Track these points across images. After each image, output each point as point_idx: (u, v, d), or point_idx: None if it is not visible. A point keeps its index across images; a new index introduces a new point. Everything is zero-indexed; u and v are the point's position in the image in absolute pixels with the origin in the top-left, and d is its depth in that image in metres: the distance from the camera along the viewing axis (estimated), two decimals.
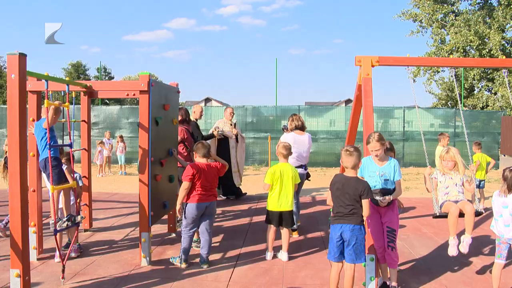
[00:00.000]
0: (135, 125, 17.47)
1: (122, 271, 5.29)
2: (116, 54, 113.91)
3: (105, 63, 65.60)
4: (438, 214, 4.93)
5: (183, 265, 5.43)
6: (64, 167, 5.60)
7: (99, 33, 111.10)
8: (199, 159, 5.58)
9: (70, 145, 5.16)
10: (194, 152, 5.69)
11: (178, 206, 5.47)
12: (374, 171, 4.65)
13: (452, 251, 4.76)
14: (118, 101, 43.79)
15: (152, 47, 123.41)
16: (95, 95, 6.40)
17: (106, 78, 52.96)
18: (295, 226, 6.87)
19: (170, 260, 5.57)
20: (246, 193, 10.40)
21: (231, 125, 9.73)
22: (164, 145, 6.31)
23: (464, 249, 4.75)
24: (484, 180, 9.42)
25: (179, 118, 7.27)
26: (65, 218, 5.16)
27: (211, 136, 9.32)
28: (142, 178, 5.61)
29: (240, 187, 10.18)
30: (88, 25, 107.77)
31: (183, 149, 7.30)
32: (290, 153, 5.96)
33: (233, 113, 9.92)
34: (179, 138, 7.05)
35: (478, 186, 9.29)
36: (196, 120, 9.10)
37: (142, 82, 5.51)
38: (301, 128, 7.17)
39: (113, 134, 17.97)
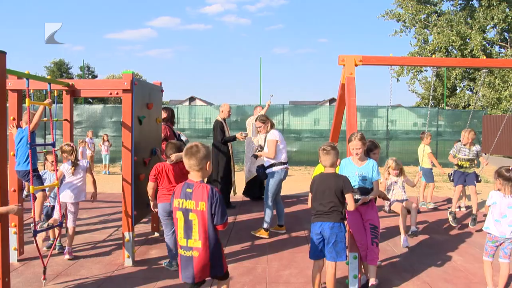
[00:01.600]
0: (119, 124, 17.35)
1: (105, 272, 5.25)
2: (99, 52, 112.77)
3: (88, 62, 64.79)
4: (388, 211, 6.55)
5: (173, 269, 5.35)
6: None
7: (82, 31, 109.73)
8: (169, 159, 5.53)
9: (53, 144, 5.10)
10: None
11: (151, 204, 5.52)
12: (353, 171, 4.71)
13: (403, 244, 6.11)
14: (102, 100, 43.39)
15: (136, 45, 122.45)
16: (78, 94, 6.34)
17: (90, 76, 52.51)
18: (282, 222, 7.13)
19: (164, 265, 5.48)
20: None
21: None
22: (148, 144, 6.28)
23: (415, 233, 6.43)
24: None
25: (164, 117, 7.23)
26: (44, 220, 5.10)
27: (233, 138, 8.68)
28: (125, 178, 5.57)
29: None
30: (70, 23, 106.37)
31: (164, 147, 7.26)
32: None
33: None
34: (162, 136, 7.01)
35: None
36: (224, 119, 8.90)
37: (125, 81, 5.47)
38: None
39: (96, 133, 17.81)
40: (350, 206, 4.27)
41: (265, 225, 6.79)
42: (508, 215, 4.55)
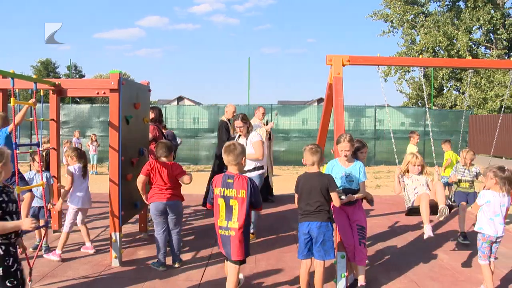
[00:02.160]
0: (106, 124, 17.23)
1: (92, 272, 5.21)
2: (87, 52, 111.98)
3: (75, 61, 64.22)
4: (411, 207, 5.15)
5: (160, 269, 5.34)
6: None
7: (69, 30, 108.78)
8: (161, 158, 5.54)
9: (38, 144, 5.06)
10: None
11: (143, 197, 5.52)
12: (340, 172, 4.74)
13: (428, 233, 4.94)
14: (89, 100, 43.05)
15: (124, 45, 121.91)
16: (64, 94, 6.28)
17: (77, 76, 52.12)
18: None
19: (152, 265, 5.45)
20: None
21: (264, 124, 9.48)
22: (135, 144, 6.24)
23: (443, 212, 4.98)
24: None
25: (152, 117, 7.20)
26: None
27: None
28: (112, 178, 5.54)
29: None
30: (57, 22, 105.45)
31: (155, 147, 7.22)
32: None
33: (264, 113, 9.64)
34: (150, 136, 6.98)
35: (449, 184, 9.47)
36: (229, 120, 8.82)
37: (113, 81, 5.44)
38: None
39: (84, 133, 17.67)
40: (336, 202, 4.32)
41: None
42: (500, 214, 4.58)
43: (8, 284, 3.30)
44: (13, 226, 3.30)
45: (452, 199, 6.95)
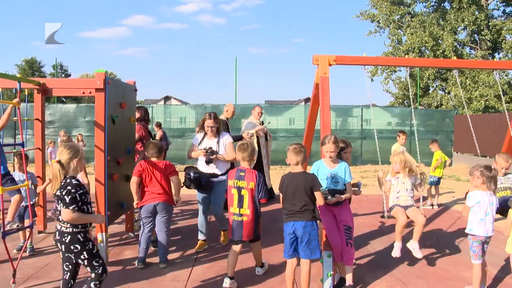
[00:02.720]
0: (92, 123, 17.09)
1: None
2: (73, 51, 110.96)
3: (61, 60, 63.58)
4: (386, 217, 5.20)
5: (139, 266, 5.34)
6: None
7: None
8: (152, 158, 5.54)
9: (22, 144, 5.00)
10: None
11: (135, 201, 5.49)
12: (325, 173, 4.76)
13: (396, 253, 5.40)
14: (75, 99, 42.66)
15: (110, 44, 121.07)
16: (50, 93, 6.21)
17: (63, 75, 51.61)
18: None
19: (137, 266, 5.41)
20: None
21: (260, 124, 9.46)
22: (121, 144, 6.20)
23: (418, 254, 5.30)
24: (441, 177, 9.69)
25: (138, 116, 7.16)
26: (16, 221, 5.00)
27: (240, 137, 8.63)
28: (98, 178, 5.50)
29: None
30: (40, 20, 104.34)
31: (141, 147, 7.19)
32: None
33: (261, 112, 9.58)
34: (137, 136, 6.94)
35: (436, 183, 9.57)
36: (227, 119, 8.79)
37: (98, 80, 5.41)
38: None
39: (70, 133, 17.50)
40: (320, 201, 4.35)
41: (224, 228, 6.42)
42: (490, 213, 4.60)
43: (95, 264, 3.78)
44: (89, 218, 3.77)
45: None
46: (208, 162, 5.99)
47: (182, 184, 5.80)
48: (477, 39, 28.07)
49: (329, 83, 5.69)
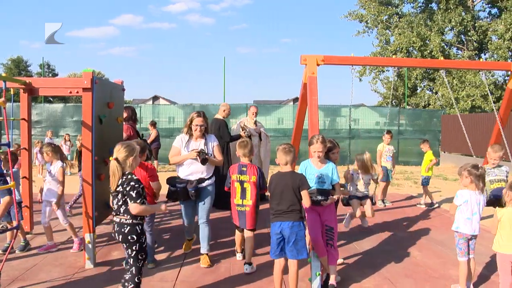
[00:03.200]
0: (80, 123, 16.99)
1: (65, 274, 5.13)
2: (60, 50, 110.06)
3: (48, 59, 63.03)
4: (345, 203, 5.89)
5: (125, 266, 5.30)
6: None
7: (40, 28, 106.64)
8: None
9: (8, 145, 4.94)
10: None
11: None
12: (313, 173, 4.77)
13: (346, 224, 6.21)
14: (63, 99, 42.25)
15: (98, 43, 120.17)
16: (36, 93, 6.14)
17: (50, 75, 51.14)
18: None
19: (124, 266, 5.39)
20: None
21: (254, 123, 9.44)
22: (109, 143, 6.15)
23: (364, 223, 6.10)
24: (430, 176, 9.74)
25: (125, 116, 7.12)
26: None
27: (238, 136, 8.57)
28: (85, 178, 5.46)
29: None
30: (26, 19, 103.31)
31: None
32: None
33: (256, 112, 9.55)
34: (125, 135, 6.90)
35: (426, 183, 9.63)
36: (224, 118, 8.85)
37: (85, 80, 5.37)
38: None
39: (57, 133, 17.38)
40: (306, 202, 4.34)
41: (206, 251, 5.66)
42: (477, 212, 4.64)
43: (140, 257, 4.02)
44: (154, 209, 4.28)
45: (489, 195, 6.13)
46: (204, 161, 5.49)
47: (166, 199, 5.60)
48: (463, 40, 28.32)
49: (317, 83, 5.71)
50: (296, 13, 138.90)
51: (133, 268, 4.02)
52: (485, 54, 28.15)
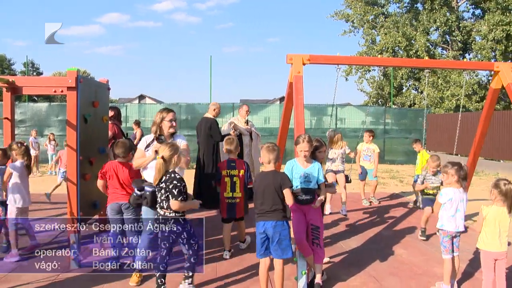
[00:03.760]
0: (65, 123, 16.84)
1: (49, 276, 5.06)
2: (45, 48, 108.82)
3: (32, 58, 62.31)
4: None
5: (111, 267, 5.25)
6: None
7: (25, 25, 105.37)
8: (118, 158, 5.45)
9: None
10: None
11: None
12: (299, 172, 4.77)
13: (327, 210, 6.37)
14: (48, 98, 41.76)
15: (84, 42, 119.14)
16: (19, 91, 6.07)
17: (34, 73, 50.54)
18: None
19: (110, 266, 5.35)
20: None
21: (245, 122, 9.38)
22: (94, 143, 6.12)
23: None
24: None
25: (111, 115, 7.08)
26: None
27: (229, 135, 8.42)
28: (70, 178, 5.42)
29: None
30: (9, 16, 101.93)
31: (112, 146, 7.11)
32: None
33: (249, 111, 9.48)
34: (110, 133, 6.87)
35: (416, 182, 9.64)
36: (214, 117, 8.83)
37: (70, 78, 5.33)
38: None
39: (42, 132, 17.19)
40: (288, 200, 4.34)
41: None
42: (460, 209, 4.72)
43: (192, 242, 4.54)
44: (191, 205, 4.58)
45: (420, 205, 7.18)
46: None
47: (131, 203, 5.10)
48: (448, 40, 28.64)
49: (302, 82, 5.72)
50: (282, 12, 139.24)
51: (190, 251, 4.55)
52: (469, 54, 28.54)
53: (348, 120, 20.13)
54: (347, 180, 7.15)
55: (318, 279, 4.76)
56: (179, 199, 4.31)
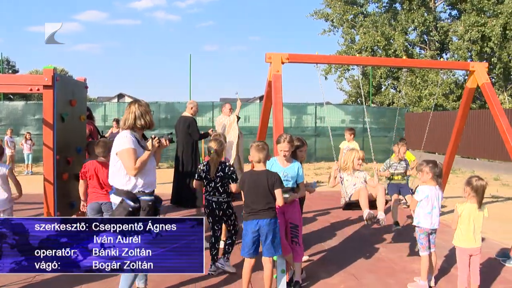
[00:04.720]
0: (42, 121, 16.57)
1: (25, 278, 4.96)
2: (21, 46, 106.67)
3: (8, 55, 60.88)
4: (349, 201, 5.42)
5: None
6: None
7: None
8: (98, 157, 5.39)
9: None
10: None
11: (81, 203, 5.44)
12: (279, 171, 4.77)
13: (365, 215, 5.24)
14: (24, 96, 41.00)
15: (61, 40, 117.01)
16: None
17: (10, 71, 49.53)
18: None
19: None
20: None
21: (237, 120, 9.30)
22: (71, 142, 6.05)
23: (382, 220, 5.29)
24: (409, 176, 9.78)
25: (87, 114, 7.00)
26: None
27: (207, 134, 8.69)
28: (47, 177, 5.35)
29: None
30: None
31: (90, 145, 7.03)
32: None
33: (231, 109, 9.45)
34: (86, 131, 6.80)
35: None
36: (192, 116, 8.77)
37: (46, 77, 5.26)
38: None
39: (18, 131, 16.88)
40: (279, 201, 4.36)
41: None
42: (436, 206, 4.81)
43: (236, 223, 5.34)
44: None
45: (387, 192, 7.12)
46: (171, 140, 4.35)
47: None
48: (426, 40, 29.02)
49: (281, 81, 5.74)
50: (263, 11, 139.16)
51: (233, 231, 5.29)
52: (446, 54, 28.96)
53: (328, 119, 20.27)
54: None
55: (297, 277, 4.79)
56: (237, 182, 4.97)
